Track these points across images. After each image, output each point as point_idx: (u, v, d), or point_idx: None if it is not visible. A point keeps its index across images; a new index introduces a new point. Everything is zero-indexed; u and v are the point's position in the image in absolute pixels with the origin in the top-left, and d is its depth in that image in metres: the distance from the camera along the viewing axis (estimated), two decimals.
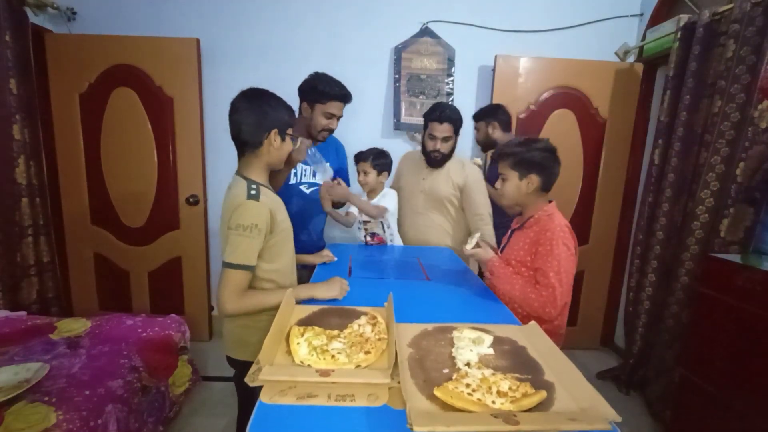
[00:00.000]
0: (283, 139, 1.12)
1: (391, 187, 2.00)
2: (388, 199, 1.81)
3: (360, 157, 1.80)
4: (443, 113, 1.73)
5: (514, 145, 1.31)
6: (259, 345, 0.76)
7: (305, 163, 1.62)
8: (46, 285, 2.27)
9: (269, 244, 1.09)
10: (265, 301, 1.07)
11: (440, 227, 1.89)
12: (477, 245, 1.31)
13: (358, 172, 1.81)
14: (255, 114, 1.07)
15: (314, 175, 1.68)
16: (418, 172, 1.89)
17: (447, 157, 1.81)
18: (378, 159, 1.77)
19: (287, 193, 1.55)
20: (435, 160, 1.81)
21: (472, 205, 1.81)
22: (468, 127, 2.20)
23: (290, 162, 1.29)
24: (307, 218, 1.71)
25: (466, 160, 1.95)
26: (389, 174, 1.86)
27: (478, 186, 1.83)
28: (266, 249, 1.09)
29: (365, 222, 1.83)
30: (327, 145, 1.71)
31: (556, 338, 1.02)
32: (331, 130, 1.63)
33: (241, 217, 1.01)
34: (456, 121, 1.75)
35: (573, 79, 2.37)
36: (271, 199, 1.09)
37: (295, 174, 1.63)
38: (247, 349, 1.14)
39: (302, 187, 1.67)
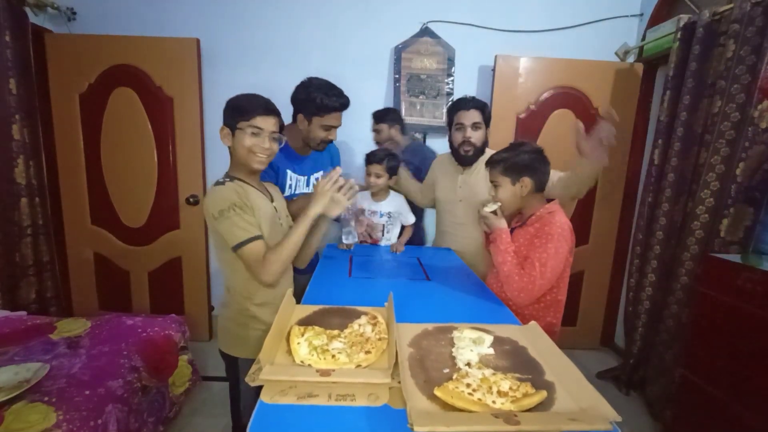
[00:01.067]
0: (233, 134, 1.11)
1: (424, 193, 1.91)
2: (406, 213, 1.83)
3: (373, 159, 1.73)
4: (469, 100, 1.64)
5: (502, 151, 1.32)
6: (247, 342, 0.75)
7: (300, 172, 1.55)
8: (45, 285, 2.27)
9: None
10: (289, 246, 1.08)
11: (479, 242, 1.63)
12: (495, 212, 1.31)
13: (369, 174, 1.74)
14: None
15: (307, 184, 1.59)
16: (453, 178, 1.76)
17: (479, 151, 1.66)
18: (391, 162, 1.73)
19: None
20: (467, 155, 1.65)
21: None
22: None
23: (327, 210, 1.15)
24: None
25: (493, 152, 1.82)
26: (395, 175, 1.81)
27: None
28: None
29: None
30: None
31: (550, 337, 1.02)
32: (330, 141, 1.51)
33: (214, 204, 1.05)
34: (483, 108, 1.63)
35: (573, 79, 2.37)
36: (242, 189, 1.10)
37: (290, 186, 1.54)
38: (235, 345, 1.16)
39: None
